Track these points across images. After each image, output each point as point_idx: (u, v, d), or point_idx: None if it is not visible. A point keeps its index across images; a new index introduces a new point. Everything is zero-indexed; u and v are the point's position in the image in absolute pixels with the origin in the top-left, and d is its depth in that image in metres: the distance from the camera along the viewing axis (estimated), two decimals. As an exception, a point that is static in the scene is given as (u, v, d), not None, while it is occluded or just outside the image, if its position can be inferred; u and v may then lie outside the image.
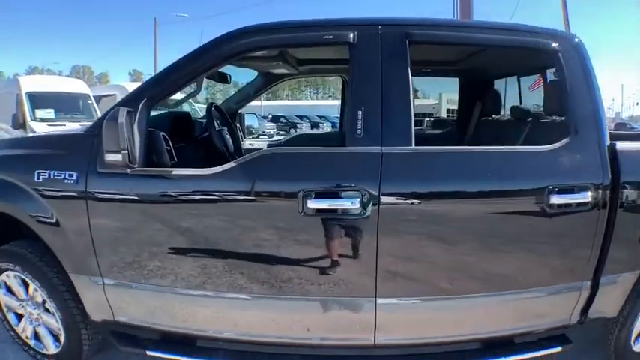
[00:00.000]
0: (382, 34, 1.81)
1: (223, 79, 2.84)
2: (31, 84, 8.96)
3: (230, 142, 2.55)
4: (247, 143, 3.56)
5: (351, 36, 1.80)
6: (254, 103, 3.96)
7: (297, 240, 1.77)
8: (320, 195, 1.69)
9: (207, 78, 2.67)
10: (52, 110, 8.61)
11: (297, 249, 1.78)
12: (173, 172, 1.79)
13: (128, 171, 1.75)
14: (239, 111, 3.52)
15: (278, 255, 1.77)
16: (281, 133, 24.12)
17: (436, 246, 1.78)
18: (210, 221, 1.79)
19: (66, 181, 1.82)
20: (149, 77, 1.97)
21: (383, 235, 1.70)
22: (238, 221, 1.78)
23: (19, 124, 8.33)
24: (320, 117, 29.86)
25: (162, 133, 1.91)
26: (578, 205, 1.71)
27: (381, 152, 1.71)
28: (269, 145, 3.52)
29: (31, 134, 7.37)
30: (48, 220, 1.85)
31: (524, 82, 3.96)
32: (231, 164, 1.75)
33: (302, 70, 3.28)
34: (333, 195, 1.70)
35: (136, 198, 1.79)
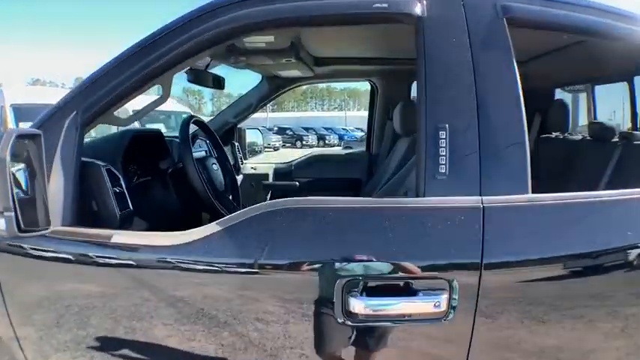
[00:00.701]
0: (467, 6, 1.09)
1: (216, 83, 2.08)
2: (16, 96, 8.27)
3: (219, 175, 1.76)
4: (249, 166, 2.81)
5: (418, 7, 1.06)
6: (257, 114, 3.23)
7: None
8: (375, 289, 0.95)
9: (192, 82, 1.92)
10: (38, 124, 7.92)
11: None
12: (113, 240, 1.04)
13: (46, 232, 1.04)
14: (238, 125, 2.80)
15: None
16: (287, 145, 23.59)
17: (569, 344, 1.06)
18: (169, 319, 1.04)
19: None
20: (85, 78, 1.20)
21: (478, 347, 0.99)
22: (221, 334, 1.02)
23: (3, 139, 7.66)
24: (326, 129, 29.38)
25: (105, 166, 1.22)
26: None
27: (482, 206, 0.97)
28: (276, 171, 2.76)
29: None
30: None
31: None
32: (213, 228, 0.99)
33: (319, 73, 2.56)
34: (398, 288, 0.95)
35: (60, 270, 1.10)
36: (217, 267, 0.97)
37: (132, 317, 1.04)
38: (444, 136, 0.99)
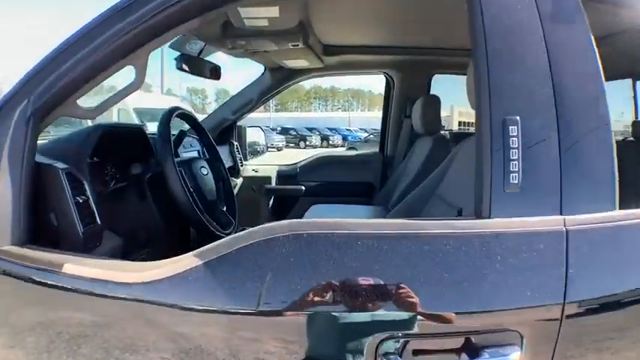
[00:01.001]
0: None
1: (211, 72, 1.81)
2: None
3: (210, 181, 1.45)
4: (250, 168, 2.54)
5: None
6: (260, 114, 2.93)
7: None
8: (427, 351, 0.68)
9: (182, 70, 1.65)
10: (34, 121, 7.66)
11: None
12: (64, 270, 0.78)
13: None
14: (238, 124, 2.53)
15: None
16: (290, 145, 23.40)
17: None
18: None
19: None
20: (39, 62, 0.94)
21: None
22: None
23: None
24: (330, 129, 29.15)
25: (65, 169, 0.97)
26: None
27: (565, 228, 0.70)
28: (279, 174, 2.48)
29: None
30: None
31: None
32: (191, 261, 0.72)
33: (329, 64, 2.27)
34: (454, 347, 0.68)
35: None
36: (195, 311, 0.70)
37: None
38: (516, 133, 0.71)
